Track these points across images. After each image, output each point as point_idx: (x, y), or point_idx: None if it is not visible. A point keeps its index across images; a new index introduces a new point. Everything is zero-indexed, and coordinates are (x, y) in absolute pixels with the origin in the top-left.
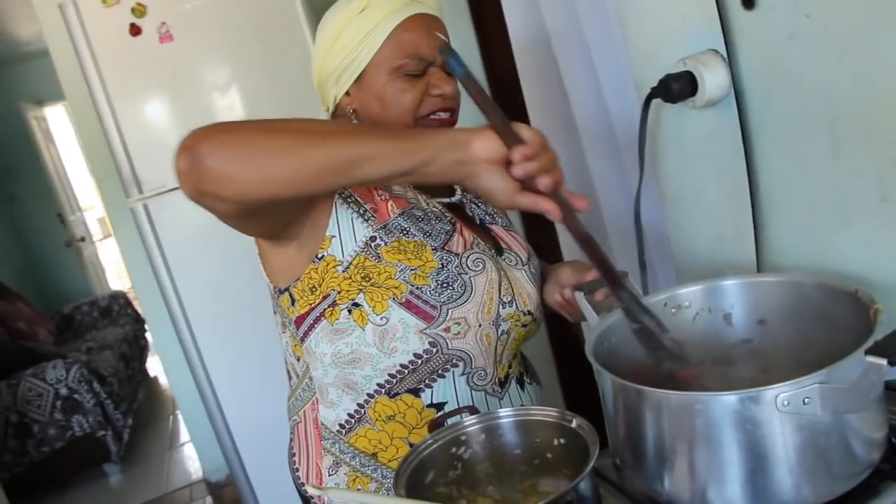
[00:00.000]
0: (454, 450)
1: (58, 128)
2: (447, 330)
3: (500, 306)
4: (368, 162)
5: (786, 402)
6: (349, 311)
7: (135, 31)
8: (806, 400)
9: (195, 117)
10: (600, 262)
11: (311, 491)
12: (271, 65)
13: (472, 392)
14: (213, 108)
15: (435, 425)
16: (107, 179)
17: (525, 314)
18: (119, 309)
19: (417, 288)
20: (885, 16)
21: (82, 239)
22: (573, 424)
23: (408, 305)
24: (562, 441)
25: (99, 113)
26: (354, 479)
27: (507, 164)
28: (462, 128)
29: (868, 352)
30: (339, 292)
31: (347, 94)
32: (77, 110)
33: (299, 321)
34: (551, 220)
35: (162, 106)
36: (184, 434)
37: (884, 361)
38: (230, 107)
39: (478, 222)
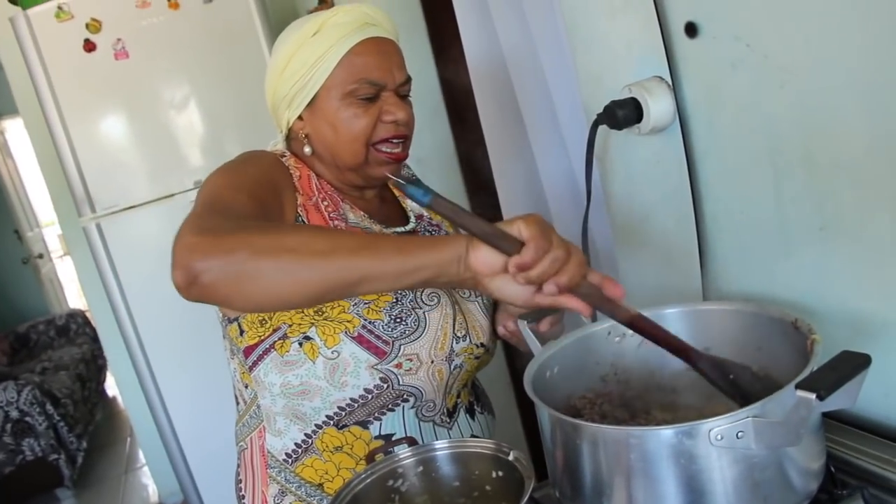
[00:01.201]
0: (391, 482)
1: (16, 141)
2: (399, 366)
3: (454, 341)
4: (370, 282)
5: (719, 437)
6: (300, 344)
7: (89, 46)
8: (739, 434)
9: (151, 136)
10: (661, 340)
11: None
12: (230, 82)
13: (421, 423)
14: (170, 126)
15: (373, 457)
16: (61, 197)
17: (478, 346)
18: (77, 328)
19: (370, 322)
20: (824, 47)
21: (40, 256)
22: (510, 457)
23: (360, 340)
24: (500, 474)
25: (51, 129)
26: None
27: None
28: (460, 235)
29: (798, 386)
30: (290, 325)
31: (300, 118)
32: (31, 125)
33: (248, 351)
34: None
35: (117, 124)
36: (141, 457)
37: (813, 396)
38: (188, 125)
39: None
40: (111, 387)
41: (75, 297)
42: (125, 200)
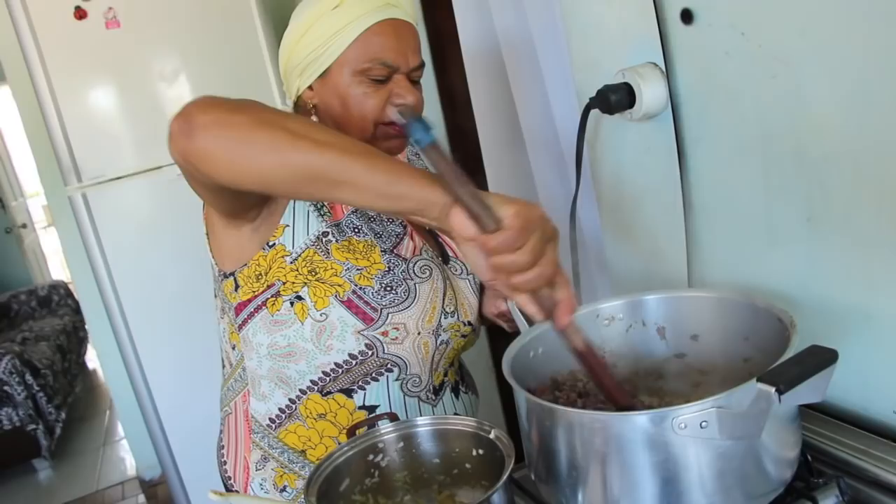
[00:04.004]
0: (371, 457)
1: (2, 109)
2: (385, 334)
3: (443, 316)
4: (349, 189)
5: (683, 426)
6: (291, 304)
7: (80, 14)
8: (703, 423)
9: (139, 107)
10: (602, 386)
11: (211, 497)
12: (221, 56)
13: (406, 398)
14: (159, 98)
15: (353, 431)
16: (47, 166)
17: (465, 325)
18: (59, 299)
19: (360, 288)
20: (818, 39)
21: (24, 226)
22: (491, 435)
23: (349, 304)
24: (480, 452)
25: (39, 97)
26: (282, 476)
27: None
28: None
29: (759, 379)
30: (284, 283)
31: (311, 87)
32: (19, 93)
33: (240, 308)
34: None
35: (105, 93)
36: (120, 430)
37: (772, 389)
38: (177, 97)
39: (427, 228)
40: (91, 359)
41: (58, 269)
42: (112, 171)
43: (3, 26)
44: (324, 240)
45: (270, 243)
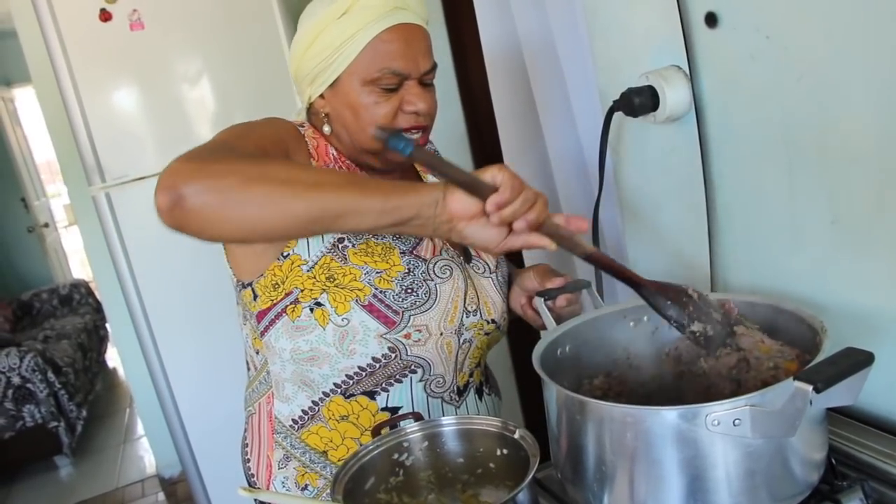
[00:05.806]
0: (396, 456)
1: (26, 110)
2: (407, 336)
3: (464, 315)
4: (352, 217)
5: (716, 422)
6: (311, 310)
7: (105, 16)
8: (736, 421)
9: (163, 108)
10: (616, 274)
11: (240, 493)
12: (243, 58)
13: (429, 399)
14: (183, 99)
15: (378, 430)
16: (71, 166)
17: (489, 322)
18: (80, 298)
19: (381, 292)
20: (843, 42)
21: (46, 225)
22: (516, 435)
23: (370, 308)
24: (504, 451)
25: (64, 98)
26: (303, 475)
27: (486, 214)
28: (439, 184)
29: (796, 377)
30: (302, 290)
31: (322, 96)
32: (44, 94)
33: (260, 316)
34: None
35: (129, 94)
36: (140, 428)
37: (809, 387)
38: (200, 99)
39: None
40: (111, 358)
41: (79, 268)
42: (135, 171)
43: (30, 27)
44: (340, 246)
45: (285, 254)
